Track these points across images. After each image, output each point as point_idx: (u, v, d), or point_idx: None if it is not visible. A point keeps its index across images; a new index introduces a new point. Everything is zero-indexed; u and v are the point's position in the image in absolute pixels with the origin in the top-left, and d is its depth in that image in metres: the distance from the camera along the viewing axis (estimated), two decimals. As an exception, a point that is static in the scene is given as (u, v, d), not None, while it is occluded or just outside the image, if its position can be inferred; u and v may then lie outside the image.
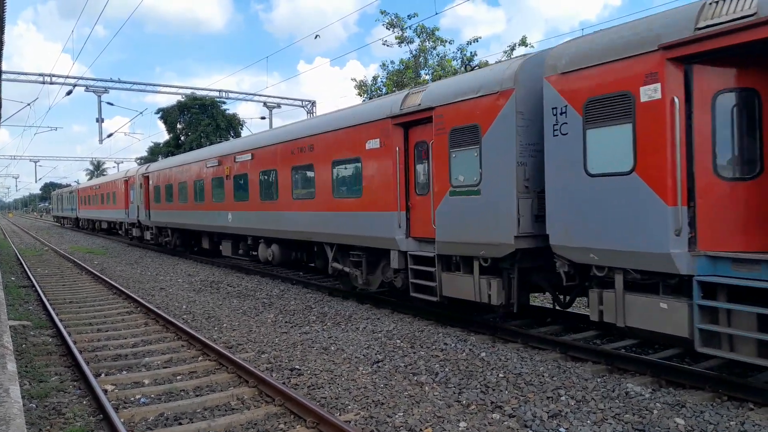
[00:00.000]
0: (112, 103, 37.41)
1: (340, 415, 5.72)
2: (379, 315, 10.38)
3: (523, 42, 23.03)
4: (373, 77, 27.69)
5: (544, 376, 6.68)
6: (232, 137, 42.97)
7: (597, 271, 6.90)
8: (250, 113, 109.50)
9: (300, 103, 34.20)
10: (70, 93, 27.69)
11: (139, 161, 51.15)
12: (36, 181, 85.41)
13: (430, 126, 9.21)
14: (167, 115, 46.05)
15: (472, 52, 25.51)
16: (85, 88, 27.99)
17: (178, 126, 46.58)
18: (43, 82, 26.63)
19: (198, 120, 44.87)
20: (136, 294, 13.08)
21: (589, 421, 5.40)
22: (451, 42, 26.32)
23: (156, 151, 48.68)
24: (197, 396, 6.44)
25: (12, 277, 16.83)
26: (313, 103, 33.98)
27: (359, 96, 27.37)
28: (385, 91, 25.66)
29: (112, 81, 28.67)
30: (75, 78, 27.78)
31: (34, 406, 6.14)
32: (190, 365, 7.64)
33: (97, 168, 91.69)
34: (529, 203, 7.79)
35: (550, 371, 6.85)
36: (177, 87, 32.86)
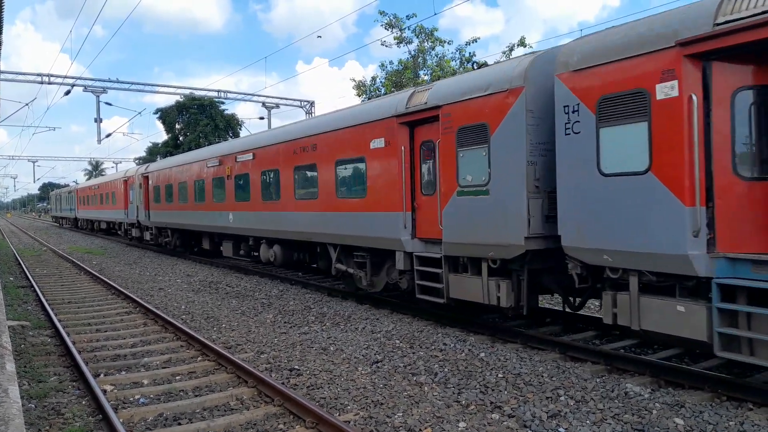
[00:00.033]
0: (110, 103, 37.57)
1: (339, 415, 5.72)
2: (378, 315, 10.38)
3: (522, 42, 23.08)
4: (372, 77, 27.77)
5: (543, 377, 6.68)
6: (230, 137, 42.98)
7: (611, 272, 6.74)
8: (248, 113, 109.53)
9: (299, 103, 34.22)
10: (68, 93, 27.68)
11: (137, 161, 51.13)
12: (34, 181, 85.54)
13: (437, 125, 9.07)
14: (166, 115, 46.04)
15: (470, 53, 25.57)
16: (83, 88, 27.96)
17: (177, 126, 46.56)
18: (42, 82, 26.60)
19: (196, 120, 44.85)
20: (135, 294, 13.07)
21: (588, 421, 5.40)
22: (449, 42, 26.38)
23: (154, 152, 48.66)
24: (196, 396, 6.44)
25: (10, 278, 16.80)
26: (311, 104, 34.01)
27: (358, 96, 27.40)
28: (383, 91, 25.67)
29: (110, 81, 28.67)
30: (73, 78, 27.75)
31: (33, 406, 6.13)
32: (189, 365, 7.63)
33: (95, 168, 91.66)
34: (539, 203, 7.65)
35: (549, 371, 6.85)
36: (175, 87, 32.83)
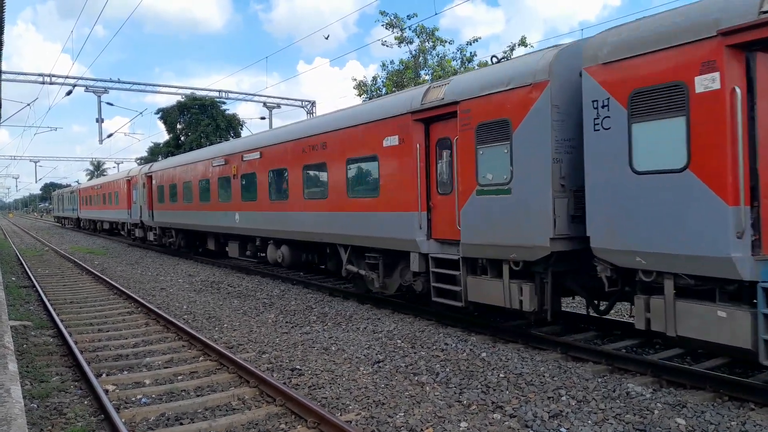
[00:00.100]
0: (111, 104, 37.45)
1: (341, 415, 5.73)
2: (380, 315, 10.38)
3: (523, 42, 23.08)
4: (373, 77, 27.75)
5: (544, 376, 6.68)
6: (232, 137, 43.02)
7: (644, 275, 6.43)
8: (249, 113, 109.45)
9: (300, 103, 34.24)
10: (69, 93, 27.72)
11: (139, 161, 51.18)
12: (36, 182, 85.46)
13: (454, 121, 8.77)
14: (167, 115, 46.08)
15: (471, 53, 25.58)
16: (84, 88, 28.01)
17: (178, 126, 46.61)
18: (43, 83, 26.63)
19: (198, 120, 44.89)
20: (137, 294, 13.09)
21: (590, 422, 5.40)
22: (450, 42, 26.40)
23: (156, 152, 48.70)
24: (198, 396, 6.45)
25: (13, 278, 16.83)
26: (312, 104, 34.02)
27: (359, 96, 27.42)
28: (384, 91, 25.68)
29: (111, 81, 28.71)
30: (75, 78, 27.78)
31: (36, 406, 6.15)
32: (191, 365, 7.64)
33: (97, 168, 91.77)
34: (565, 203, 7.34)
35: (550, 371, 6.85)
36: (177, 87, 32.93)
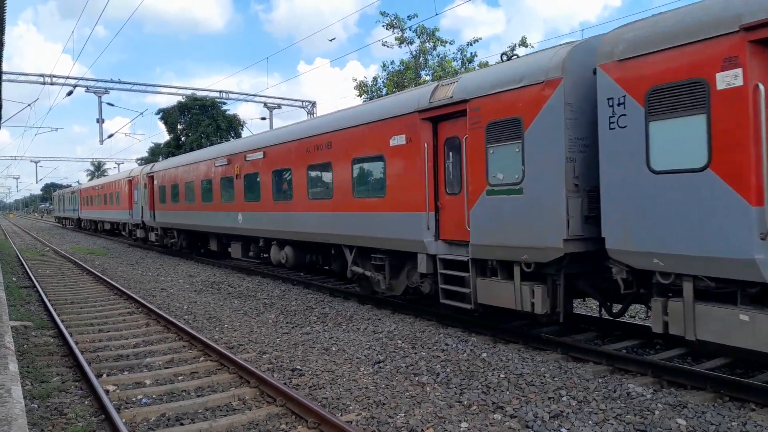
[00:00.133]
0: (112, 104, 37.53)
1: (341, 415, 5.73)
2: (380, 315, 10.38)
3: (523, 42, 23.12)
4: (374, 78, 27.81)
5: (545, 377, 6.68)
6: (232, 138, 43.06)
7: (661, 278, 6.29)
8: (250, 114, 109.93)
9: (300, 103, 34.25)
10: (70, 94, 27.76)
11: (139, 162, 51.20)
12: (37, 182, 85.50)
13: (463, 120, 8.65)
14: (168, 115, 46.13)
15: (472, 53, 25.60)
16: (85, 88, 28.03)
17: (179, 127, 46.67)
18: (44, 83, 26.64)
19: (198, 121, 44.94)
20: (138, 294, 13.10)
21: (590, 422, 5.40)
22: (451, 43, 26.51)
23: (156, 152, 48.74)
24: (199, 396, 6.45)
25: (13, 278, 16.84)
26: (313, 104, 34.03)
27: (359, 96, 27.46)
28: (385, 91, 25.71)
29: (112, 81, 28.72)
30: (75, 79, 27.82)
31: (36, 406, 6.15)
32: (191, 366, 7.64)
33: (97, 169, 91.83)
34: (578, 203, 7.21)
35: (551, 372, 6.85)
36: (177, 87, 32.88)
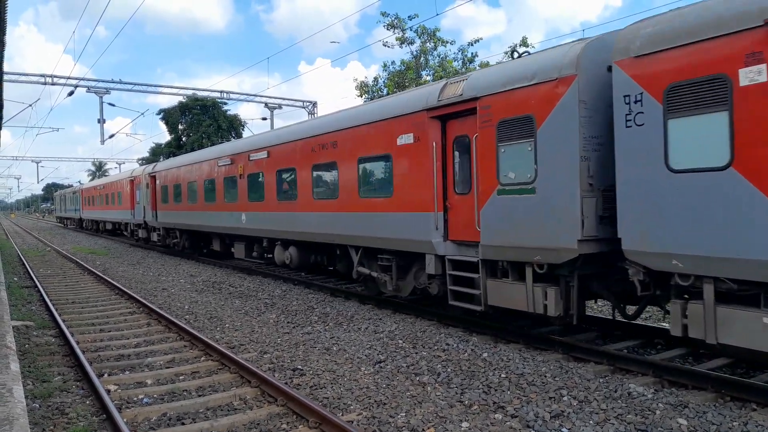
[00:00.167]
0: (113, 104, 37.49)
1: (342, 415, 5.73)
2: (381, 315, 10.38)
3: (524, 42, 23.14)
4: (374, 78, 27.83)
5: (546, 377, 6.68)
6: (233, 138, 43.10)
7: (680, 279, 6.14)
8: (251, 114, 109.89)
9: (301, 103, 34.27)
10: (71, 94, 27.82)
11: (140, 162, 51.26)
12: (38, 182, 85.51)
13: (473, 118, 8.49)
14: (169, 116, 46.18)
15: (473, 53, 25.62)
16: (86, 89, 28.09)
17: (180, 127, 46.73)
18: (45, 83, 26.69)
19: (199, 121, 45.00)
20: (139, 294, 13.11)
21: (591, 422, 5.40)
22: (452, 43, 26.53)
23: (157, 152, 48.77)
24: (200, 396, 6.46)
25: (15, 278, 16.86)
26: (314, 104, 34.06)
27: (360, 96, 27.48)
28: (386, 91, 25.72)
29: (113, 82, 28.79)
30: (76, 79, 27.87)
31: (38, 405, 6.16)
32: (192, 365, 7.65)
33: (98, 169, 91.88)
34: (593, 203, 7.04)
35: (552, 371, 6.85)
36: (178, 88, 32.94)
